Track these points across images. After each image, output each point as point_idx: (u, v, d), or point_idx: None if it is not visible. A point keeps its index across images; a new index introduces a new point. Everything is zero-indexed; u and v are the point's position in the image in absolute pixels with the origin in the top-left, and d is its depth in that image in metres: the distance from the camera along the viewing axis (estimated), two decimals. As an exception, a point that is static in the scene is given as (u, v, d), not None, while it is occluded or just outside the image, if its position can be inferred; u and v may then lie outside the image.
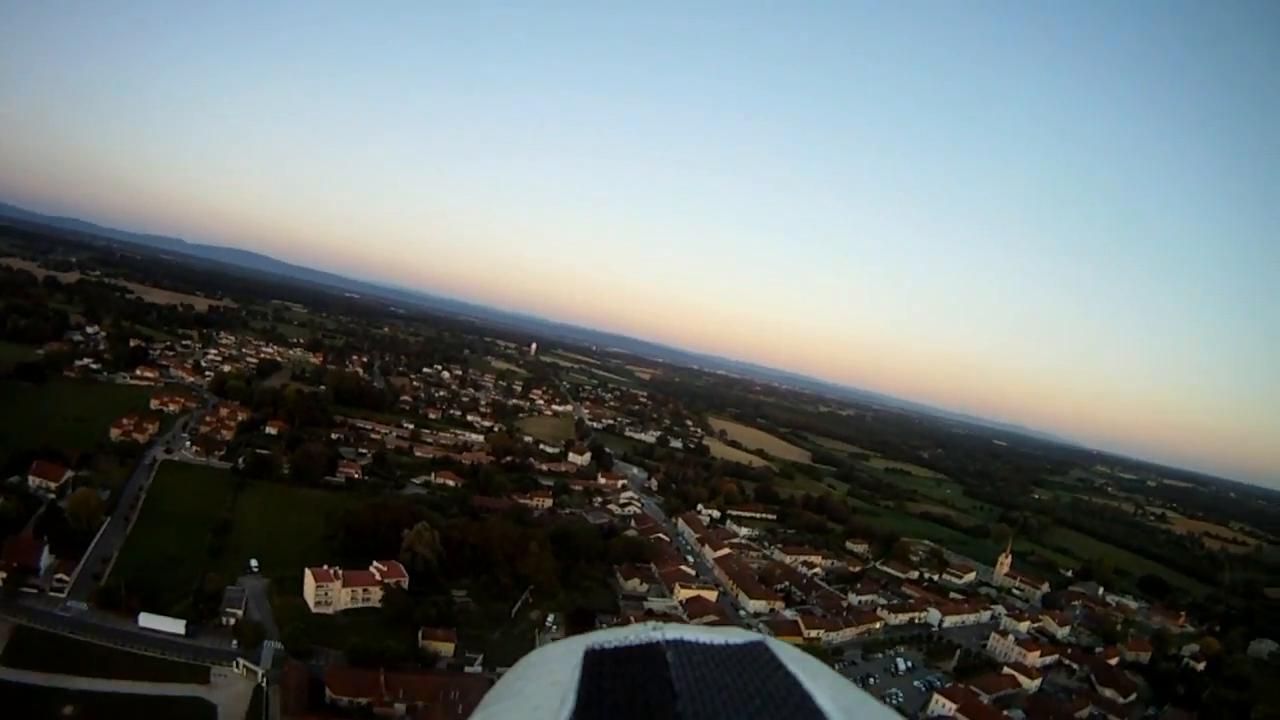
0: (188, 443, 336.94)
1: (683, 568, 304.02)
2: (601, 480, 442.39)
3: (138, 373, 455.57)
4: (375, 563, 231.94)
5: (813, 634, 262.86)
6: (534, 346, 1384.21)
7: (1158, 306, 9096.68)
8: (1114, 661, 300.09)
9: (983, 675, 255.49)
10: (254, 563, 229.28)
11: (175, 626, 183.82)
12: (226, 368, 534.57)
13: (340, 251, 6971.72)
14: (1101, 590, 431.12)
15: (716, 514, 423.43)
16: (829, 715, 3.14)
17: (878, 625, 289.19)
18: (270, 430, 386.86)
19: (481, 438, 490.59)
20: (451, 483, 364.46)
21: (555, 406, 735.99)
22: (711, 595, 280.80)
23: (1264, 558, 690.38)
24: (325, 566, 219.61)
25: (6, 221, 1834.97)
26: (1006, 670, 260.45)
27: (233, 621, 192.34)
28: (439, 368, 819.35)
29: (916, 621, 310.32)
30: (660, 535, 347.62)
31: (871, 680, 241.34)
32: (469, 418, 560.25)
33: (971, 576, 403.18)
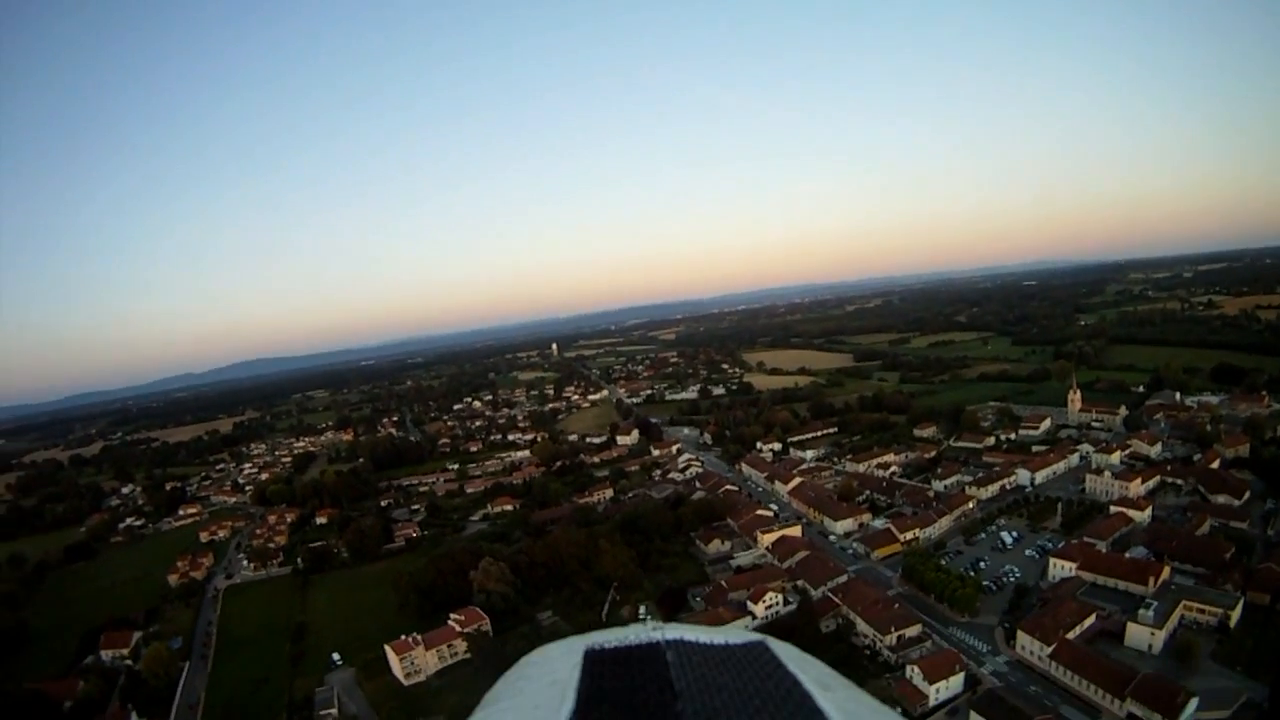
0: (245, 562, 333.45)
1: (760, 512, 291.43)
2: (655, 453, 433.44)
3: (181, 513, 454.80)
4: (452, 615, 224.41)
5: (907, 536, 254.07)
6: (555, 347, 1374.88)
7: (1148, 104, 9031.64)
8: (1216, 465, 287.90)
9: (1092, 523, 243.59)
10: (336, 656, 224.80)
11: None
12: (264, 476, 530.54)
13: (344, 326, 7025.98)
14: (1179, 395, 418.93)
15: (778, 446, 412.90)
16: (829, 715, 3.24)
17: (971, 505, 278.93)
18: (320, 520, 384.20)
19: (527, 452, 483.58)
20: (510, 507, 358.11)
21: (591, 396, 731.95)
22: (796, 531, 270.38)
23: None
24: (404, 637, 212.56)
25: (23, 419, 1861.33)
26: (1114, 509, 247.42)
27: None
28: (469, 400, 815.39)
29: (1008, 488, 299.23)
30: (729, 488, 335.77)
31: (982, 564, 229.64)
32: (510, 437, 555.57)
33: (1047, 424, 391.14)
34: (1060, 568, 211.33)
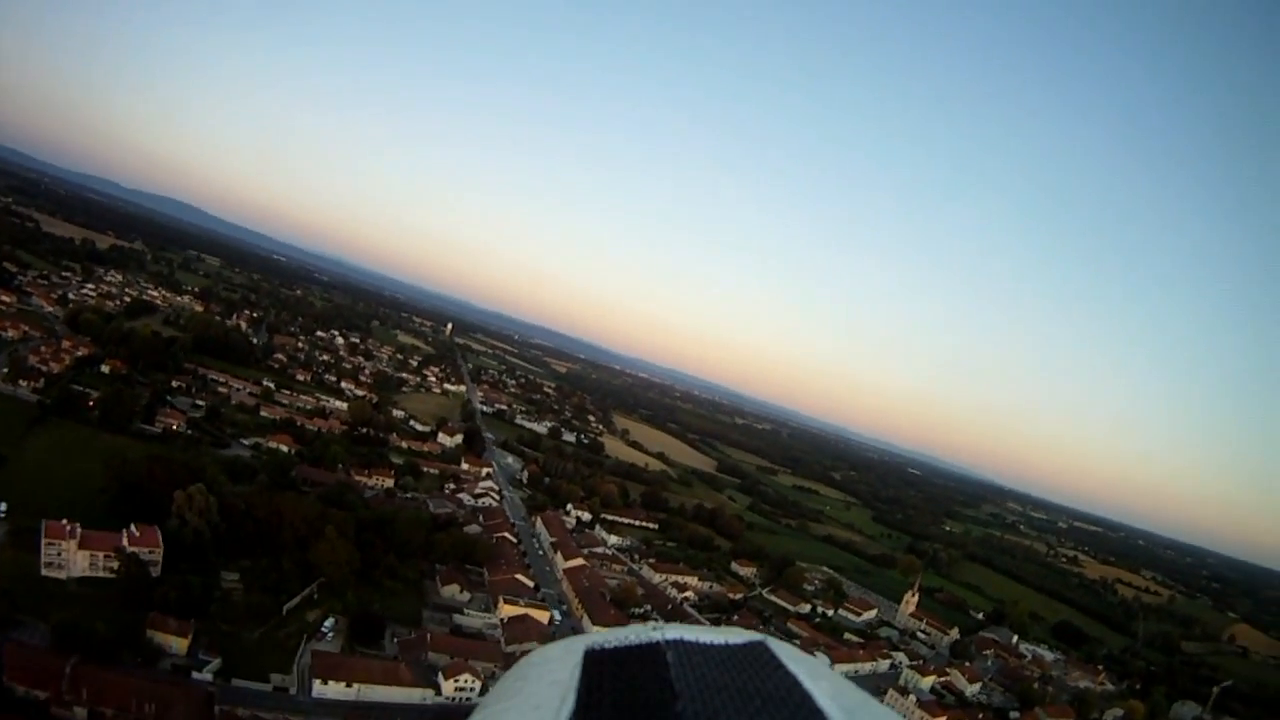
0: (6, 370, 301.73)
1: (519, 577, 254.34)
2: (464, 466, 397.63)
3: None
4: (133, 525, 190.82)
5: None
6: (450, 327, 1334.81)
7: (1074, 349, 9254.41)
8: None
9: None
10: (1, 505, 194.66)
11: None
12: (92, 302, 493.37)
13: (280, 216, 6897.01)
14: (1015, 638, 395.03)
15: (588, 516, 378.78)
16: (829, 715, 3.17)
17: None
18: (105, 369, 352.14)
19: (345, 405, 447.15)
20: (286, 448, 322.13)
21: (448, 385, 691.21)
22: (543, 616, 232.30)
23: (1176, 609, 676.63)
24: (64, 522, 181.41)
25: None
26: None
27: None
28: (334, 333, 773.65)
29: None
30: (506, 535, 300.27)
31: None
32: (343, 384, 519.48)
33: (872, 614, 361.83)
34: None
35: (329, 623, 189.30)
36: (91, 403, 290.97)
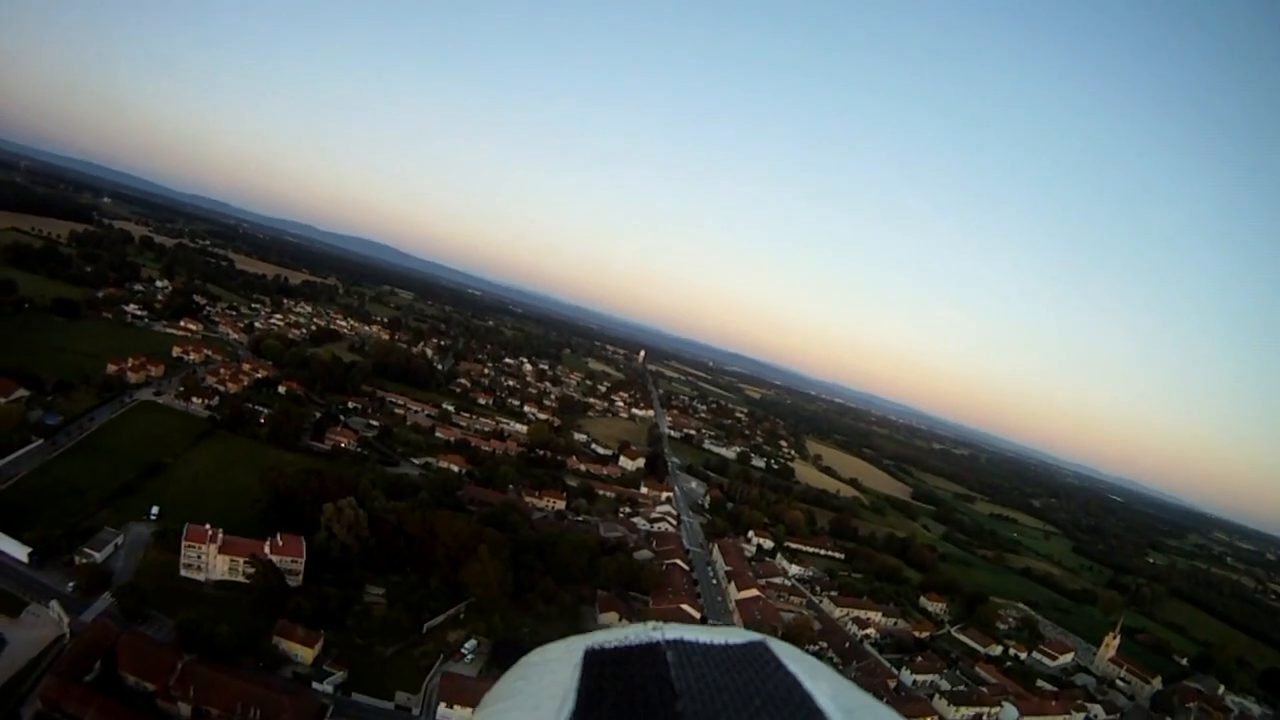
0: (180, 387, 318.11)
1: (685, 607, 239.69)
2: (643, 489, 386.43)
3: (181, 324, 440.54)
4: (280, 535, 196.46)
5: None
6: (642, 354, 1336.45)
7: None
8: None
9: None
10: (154, 509, 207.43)
11: (18, 551, 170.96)
12: (277, 330, 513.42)
13: (476, 252, 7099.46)
14: (1221, 689, 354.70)
15: (770, 544, 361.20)
16: (829, 715, 3.20)
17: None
18: (282, 389, 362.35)
19: (525, 429, 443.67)
20: (456, 468, 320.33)
21: (636, 410, 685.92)
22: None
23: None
24: (206, 526, 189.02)
25: (140, 194, 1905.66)
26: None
27: (83, 561, 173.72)
28: (522, 359, 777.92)
29: (985, 718, 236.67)
30: (678, 563, 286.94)
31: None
32: (526, 408, 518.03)
33: (1068, 659, 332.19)
34: None
35: (470, 644, 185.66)
36: (262, 420, 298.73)
